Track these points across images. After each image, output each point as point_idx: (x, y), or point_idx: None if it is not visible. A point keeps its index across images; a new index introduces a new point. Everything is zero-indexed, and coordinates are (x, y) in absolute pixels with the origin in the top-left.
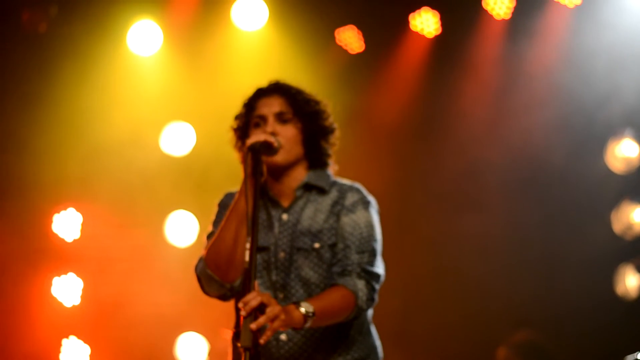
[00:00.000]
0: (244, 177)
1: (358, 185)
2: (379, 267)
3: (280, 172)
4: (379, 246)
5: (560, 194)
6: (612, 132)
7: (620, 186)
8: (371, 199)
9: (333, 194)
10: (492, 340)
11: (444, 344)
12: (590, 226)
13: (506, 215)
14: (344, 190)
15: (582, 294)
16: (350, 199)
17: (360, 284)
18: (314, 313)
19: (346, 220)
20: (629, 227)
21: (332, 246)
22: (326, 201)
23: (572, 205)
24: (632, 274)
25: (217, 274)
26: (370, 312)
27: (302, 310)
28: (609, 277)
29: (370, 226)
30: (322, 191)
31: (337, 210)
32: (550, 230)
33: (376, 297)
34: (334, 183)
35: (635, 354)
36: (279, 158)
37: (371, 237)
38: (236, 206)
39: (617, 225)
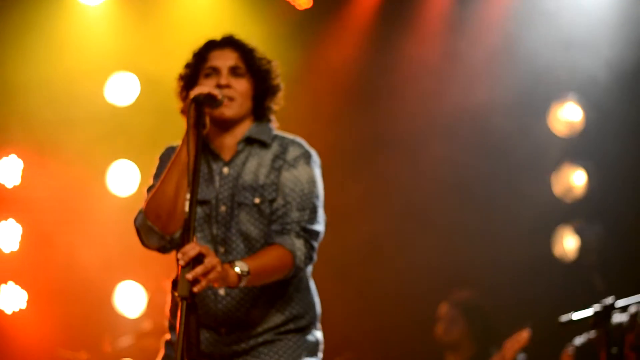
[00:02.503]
0: (186, 128)
1: (300, 139)
2: (319, 224)
3: (225, 126)
4: (320, 202)
5: (502, 155)
6: (555, 95)
7: (562, 149)
8: (313, 152)
9: (275, 147)
10: (432, 300)
11: (387, 306)
12: (530, 187)
13: (447, 175)
14: (285, 144)
15: (521, 255)
16: (292, 153)
17: (299, 243)
18: (248, 272)
19: (287, 175)
20: (569, 189)
21: (273, 201)
22: (268, 155)
23: (514, 166)
24: (570, 236)
25: (157, 225)
26: (309, 269)
27: (237, 269)
28: (547, 239)
29: (312, 182)
30: (263, 145)
31: (278, 165)
32: (490, 190)
33: (314, 255)
34: (276, 137)
35: (570, 314)
36: (230, 112)
37: (312, 193)
38: (177, 157)
39: (558, 188)
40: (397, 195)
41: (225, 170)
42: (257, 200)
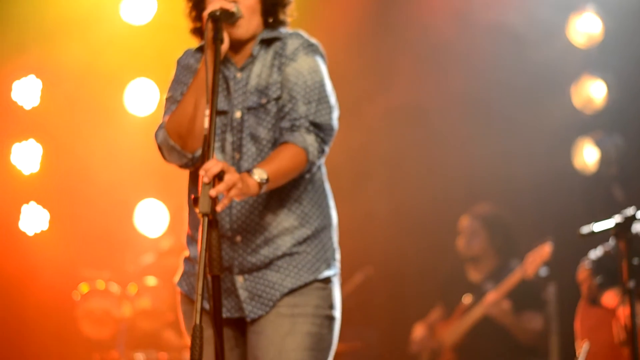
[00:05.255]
0: (204, 45)
1: (299, 31)
2: (329, 115)
3: (238, 43)
4: (327, 92)
5: (521, 67)
6: (574, 6)
7: (581, 60)
8: (314, 41)
9: (276, 45)
10: (452, 214)
11: (408, 222)
12: (550, 100)
13: (465, 88)
14: (284, 39)
15: (541, 168)
16: (291, 46)
17: (310, 139)
18: (267, 179)
19: (289, 70)
20: (589, 101)
21: (278, 99)
22: (269, 55)
23: (533, 79)
24: (590, 147)
25: (178, 144)
26: (324, 170)
27: (256, 177)
28: (567, 151)
29: (315, 72)
30: (269, 45)
31: (279, 62)
32: (509, 104)
33: (327, 148)
34: (279, 33)
35: (591, 225)
36: (240, 31)
37: (316, 84)
38: (197, 76)
39: (577, 100)
40: (417, 110)
41: (239, 75)
42: (263, 101)
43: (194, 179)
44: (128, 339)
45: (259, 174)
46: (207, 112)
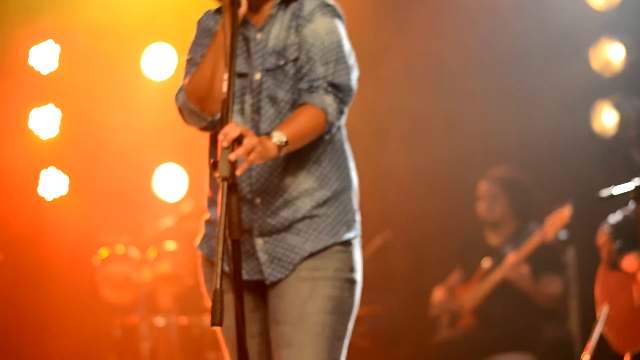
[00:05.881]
0: (222, 8)
1: None
2: (348, 76)
3: (258, 4)
4: (345, 53)
5: (539, 28)
6: None
7: (599, 23)
8: (332, 2)
9: (293, 6)
10: (470, 178)
11: (426, 184)
12: (568, 63)
13: (483, 49)
14: (301, 0)
15: (560, 131)
16: (308, 8)
17: (329, 99)
18: (287, 141)
19: (306, 31)
20: (607, 64)
21: (296, 61)
22: (287, 16)
23: (551, 41)
24: (609, 110)
25: (198, 107)
26: (343, 131)
27: (275, 140)
28: (586, 114)
29: (332, 32)
30: (288, 5)
31: (296, 24)
32: (527, 66)
33: (346, 109)
34: None
35: (610, 188)
36: None
37: (334, 44)
38: (215, 40)
39: (596, 62)
40: (435, 69)
41: (258, 36)
42: (281, 63)
43: (214, 142)
44: (148, 304)
45: (278, 137)
46: (226, 75)
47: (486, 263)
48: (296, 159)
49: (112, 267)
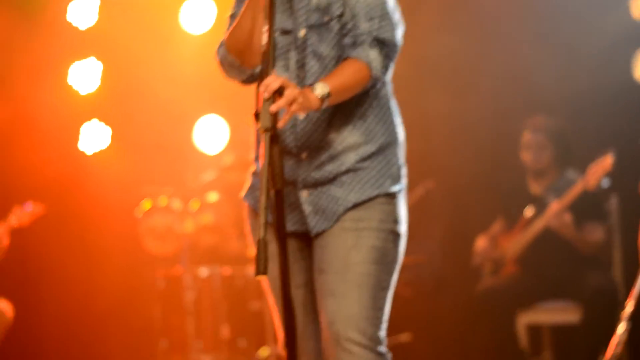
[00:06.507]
0: None
1: None
2: (392, 32)
3: None
4: (389, 9)
5: None
6: None
7: None
8: None
9: None
10: (514, 125)
11: (468, 133)
12: (609, 10)
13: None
14: None
15: (601, 79)
16: None
17: (373, 53)
18: (329, 93)
19: None
20: None
21: (341, 16)
22: None
23: None
24: None
25: (237, 60)
26: (389, 87)
27: (318, 92)
28: (627, 62)
29: None
30: None
31: None
32: (569, 14)
33: (391, 64)
34: None
35: None
36: None
37: (378, 0)
38: None
39: (636, 11)
40: (474, 17)
41: None
42: (325, 19)
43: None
44: (191, 255)
45: (320, 88)
46: (265, 27)
47: (529, 212)
48: (341, 114)
49: (155, 219)
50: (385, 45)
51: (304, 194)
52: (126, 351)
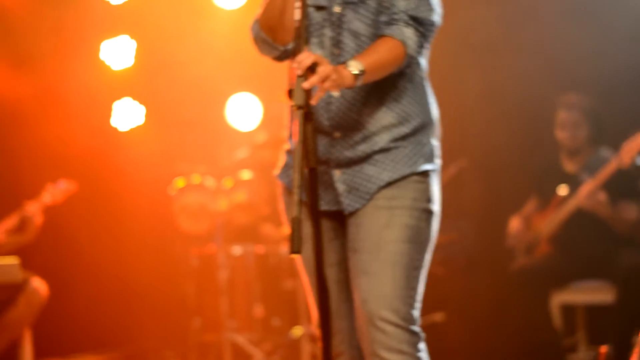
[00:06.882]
0: None
1: None
2: (430, 11)
3: None
4: None
5: None
6: None
7: None
8: None
9: None
10: (547, 103)
11: (500, 111)
12: None
13: None
14: None
15: (635, 57)
16: None
17: (409, 32)
18: (363, 71)
19: None
20: None
21: None
22: None
23: None
24: None
25: (270, 36)
26: (424, 67)
27: (352, 69)
28: None
29: None
30: None
31: None
32: None
33: (427, 44)
34: None
35: None
36: None
37: None
38: None
39: None
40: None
41: None
42: None
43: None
44: (225, 233)
45: (354, 65)
46: (298, 3)
47: (562, 190)
48: (376, 94)
49: (188, 197)
50: (421, 24)
51: (337, 173)
52: (160, 330)
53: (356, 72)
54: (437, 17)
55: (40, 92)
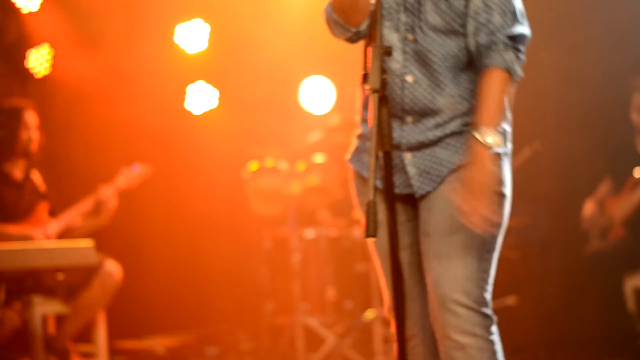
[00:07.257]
0: None
1: None
2: (523, 25)
3: None
4: (518, 1)
5: None
6: None
7: None
8: None
9: None
10: (621, 87)
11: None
12: None
13: None
14: None
15: None
16: None
17: (509, 56)
18: (494, 133)
19: None
20: None
21: None
22: None
23: None
24: None
25: (342, 18)
26: None
27: (487, 143)
28: None
29: None
30: None
31: None
32: None
33: (523, 56)
34: None
35: None
36: None
37: None
38: None
39: None
40: None
41: None
42: None
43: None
44: (298, 216)
45: (488, 137)
46: None
47: (637, 173)
48: (451, 82)
49: (262, 180)
50: (518, 42)
51: (408, 156)
52: (233, 312)
53: (490, 140)
54: (528, 30)
55: (115, 75)
